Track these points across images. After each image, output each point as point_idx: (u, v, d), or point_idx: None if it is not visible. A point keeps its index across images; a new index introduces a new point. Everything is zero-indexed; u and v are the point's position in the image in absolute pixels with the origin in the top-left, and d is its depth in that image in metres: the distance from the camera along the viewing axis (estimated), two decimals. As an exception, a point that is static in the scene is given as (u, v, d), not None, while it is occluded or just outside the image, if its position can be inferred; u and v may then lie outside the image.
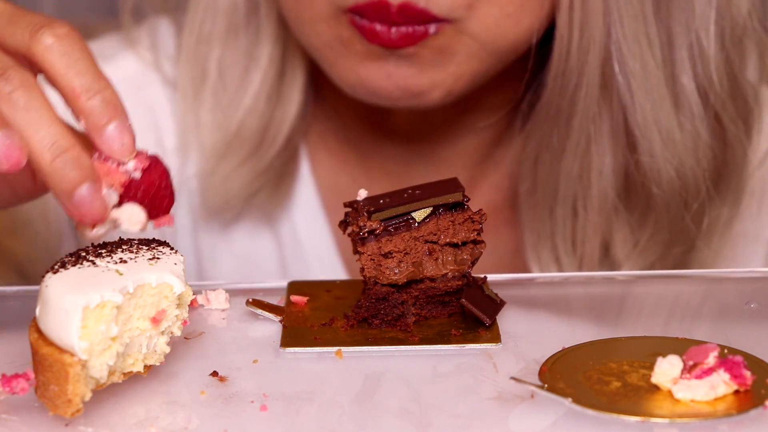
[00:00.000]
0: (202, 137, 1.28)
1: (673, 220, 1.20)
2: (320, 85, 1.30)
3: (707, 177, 1.18)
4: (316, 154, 1.33)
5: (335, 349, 0.88)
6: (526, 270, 1.27)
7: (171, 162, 1.29)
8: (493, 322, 0.91)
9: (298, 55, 1.26)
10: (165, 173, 0.86)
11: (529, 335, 0.90)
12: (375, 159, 1.31)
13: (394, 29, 1.10)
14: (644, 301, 1.00)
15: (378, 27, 1.11)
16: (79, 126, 0.85)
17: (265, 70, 1.25)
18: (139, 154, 0.85)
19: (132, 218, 0.86)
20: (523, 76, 1.20)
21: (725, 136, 1.19)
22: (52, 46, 0.84)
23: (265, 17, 1.25)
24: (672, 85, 1.15)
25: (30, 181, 0.92)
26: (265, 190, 1.29)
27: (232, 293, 0.97)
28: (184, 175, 1.30)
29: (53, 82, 0.85)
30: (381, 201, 0.92)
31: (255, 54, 1.25)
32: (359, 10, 1.12)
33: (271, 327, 0.93)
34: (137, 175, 0.85)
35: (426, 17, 1.10)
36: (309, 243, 1.32)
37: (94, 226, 0.85)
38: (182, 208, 1.31)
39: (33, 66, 0.86)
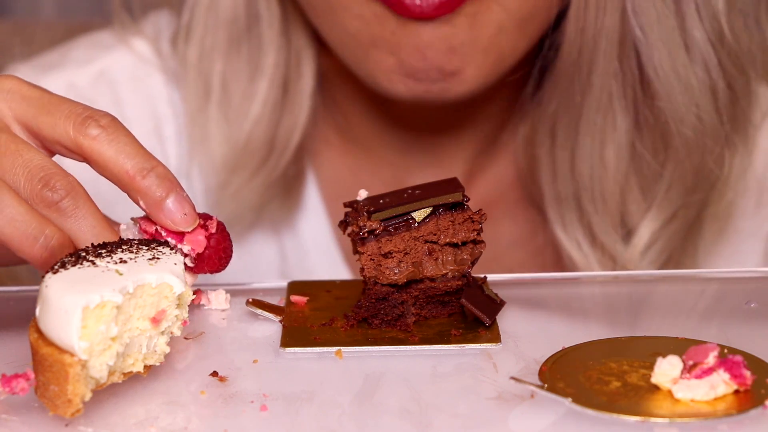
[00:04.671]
0: (210, 151, 1.28)
1: (695, 164, 1.21)
2: (326, 87, 1.29)
3: (725, 121, 1.20)
4: (321, 156, 1.33)
5: (335, 349, 0.88)
6: (530, 258, 1.28)
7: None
8: (493, 322, 0.91)
9: (304, 61, 1.26)
10: (224, 240, 0.91)
11: (529, 335, 0.90)
12: (379, 153, 1.31)
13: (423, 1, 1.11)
14: (644, 301, 1.00)
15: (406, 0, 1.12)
16: (140, 206, 0.88)
17: (270, 78, 1.25)
18: (201, 224, 0.89)
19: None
20: (524, 78, 1.21)
21: (734, 87, 1.20)
22: (99, 136, 0.88)
23: (266, 26, 1.25)
24: (684, 36, 1.16)
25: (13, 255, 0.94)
26: (276, 200, 1.29)
27: (232, 293, 0.97)
28: (192, 191, 1.30)
29: (104, 170, 0.88)
30: (381, 201, 0.92)
31: (259, 63, 1.25)
32: None
33: (271, 327, 0.93)
34: (189, 258, 0.90)
35: None
36: (315, 252, 1.31)
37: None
38: None
39: (74, 155, 0.89)
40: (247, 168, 1.26)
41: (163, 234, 0.89)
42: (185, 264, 0.89)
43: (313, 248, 1.31)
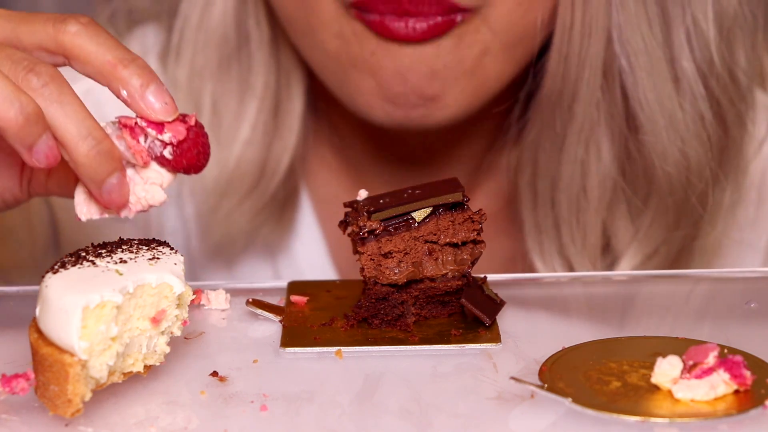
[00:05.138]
0: (201, 175, 1.25)
1: (678, 201, 1.19)
2: (318, 107, 1.28)
3: (712, 158, 1.18)
4: (315, 176, 1.31)
5: (335, 349, 0.88)
6: (527, 271, 1.27)
7: (169, 209, 1.28)
8: (493, 322, 0.91)
9: (294, 82, 1.24)
10: (203, 136, 0.90)
11: (529, 335, 0.90)
12: (375, 172, 1.29)
13: (412, 22, 1.09)
14: (644, 301, 1.00)
15: (390, 21, 1.10)
16: (121, 96, 0.88)
17: (261, 99, 1.23)
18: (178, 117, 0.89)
19: (155, 196, 0.89)
20: (511, 101, 1.19)
21: (725, 118, 1.18)
22: (80, 31, 0.87)
23: (256, 46, 1.23)
24: (672, 68, 1.15)
25: (17, 189, 0.93)
26: (269, 222, 1.27)
27: (232, 293, 0.97)
28: (183, 217, 1.28)
29: (85, 64, 0.88)
30: (381, 201, 0.92)
31: (249, 84, 1.23)
32: (364, 3, 1.09)
33: (271, 327, 0.93)
34: (168, 149, 0.88)
35: (446, 6, 1.08)
36: (311, 274, 1.30)
37: (119, 210, 0.89)
38: (182, 248, 1.29)
39: (56, 58, 0.88)
40: (238, 191, 1.24)
41: (143, 125, 0.87)
42: (164, 157, 0.88)
43: (309, 270, 1.30)
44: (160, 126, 0.88)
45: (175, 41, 1.24)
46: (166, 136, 0.88)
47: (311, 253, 1.29)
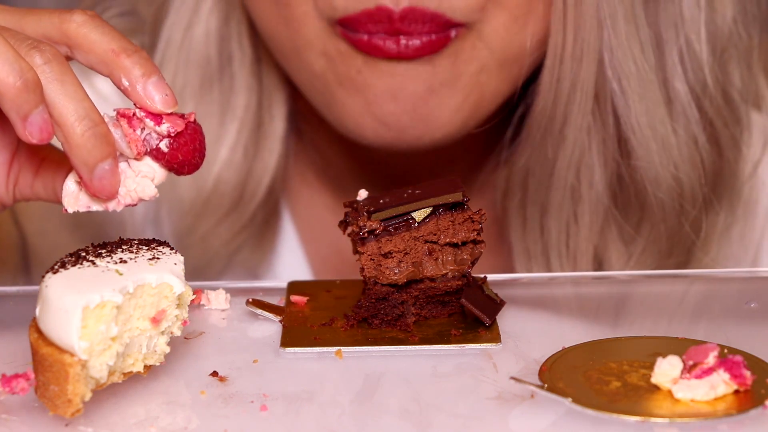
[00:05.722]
0: (178, 195, 1.24)
1: (671, 228, 1.17)
2: (301, 128, 1.26)
3: (705, 183, 1.16)
4: (297, 198, 1.29)
5: (335, 349, 0.88)
6: None
7: (146, 228, 1.27)
8: (493, 322, 0.91)
9: (276, 103, 1.22)
10: (200, 134, 0.89)
11: (529, 335, 0.90)
12: (357, 192, 1.28)
13: (405, 39, 1.06)
14: (644, 301, 1.00)
15: (379, 40, 1.07)
16: (122, 85, 0.88)
17: (241, 120, 1.21)
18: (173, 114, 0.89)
19: (146, 189, 0.89)
20: (503, 124, 1.16)
21: (719, 141, 1.17)
22: (85, 21, 0.87)
23: (239, 68, 1.21)
24: (665, 90, 1.13)
25: (3, 191, 0.93)
26: (248, 246, 1.25)
27: (232, 293, 0.97)
28: (161, 235, 1.26)
29: (88, 53, 0.87)
30: (381, 201, 0.92)
31: (230, 105, 1.21)
32: (350, 22, 1.07)
33: (271, 327, 0.93)
34: (167, 139, 0.88)
35: (439, 22, 1.06)
36: None
37: (108, 200, 0.88)
38: None
39: (60, 48, 0.88)
40: (215, 213, 1.23)
41: (141, 115, 0.87)
42: (159, 150, 0.87)
43: None
44: (158, 117, 0.87)
45: (157, 61, 1.22)
46: (164, 127, 0.87)
47: (295, 275, 1.27)
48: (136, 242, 0.86)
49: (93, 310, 0.78)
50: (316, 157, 1.28)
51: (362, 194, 0.94)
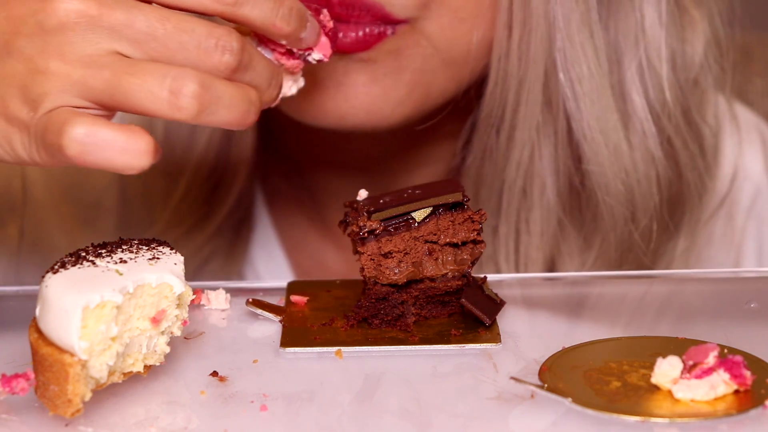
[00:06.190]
0: (149, 204, 1.24)
1: (621, 237, 1.15)
2: (271, 128, 1.25)
3: (661, 200, 1.15)
4: (271, 203, 1.29)
5: (335, 349, 0.88)
6: None
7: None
8: (493, 322, 0.91)
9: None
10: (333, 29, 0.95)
11: (529, 335, 0.90)
12: (331, 197, 1.26)
13: (341, 34, 1.05)
14: (644, 301, 1.00)
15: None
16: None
17: (212, 129, 1.19)
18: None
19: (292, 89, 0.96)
20: (435, 119, 1.15)
21: (678, 162, 1.15)
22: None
23: None
24: (621, 101, 1.12)
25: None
26: (218, 257, 1.25)
27: (232, 293, 0.97)
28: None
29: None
30: (381, 201, 0.92)
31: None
32: None
33: (271, 327, 0.93)
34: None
35: (377, 14, 1.05)
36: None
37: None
38: None
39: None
40: (185, 221, 1.22)
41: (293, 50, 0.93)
42: (306, 61, 0.93)
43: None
44: (308, 49, 0.93)
45: None
46: (317, 56, 0.93)
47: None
48: (136, 242, 0.86)
49: (93, 310, 0.78)
50: (282, 151, 1.27)
51: (362, 194, 0.94)
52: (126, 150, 0.83)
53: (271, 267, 1.29)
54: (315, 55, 0.93)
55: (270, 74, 0.88)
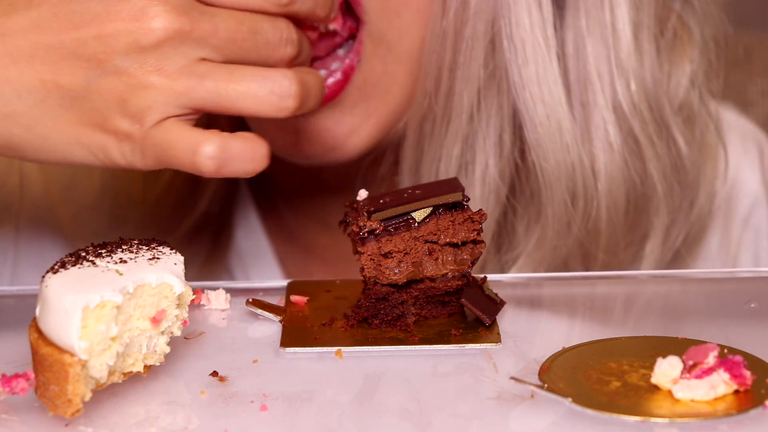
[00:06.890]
0: (128, 214, 1.24)
1: (560, 217, 1.13)
2: None
3: (611, 189, 1.12)
4: (243, 218, 1.29)
5: (335, 349, 0.88)
6: None
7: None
8: (493, 322, 0.91)
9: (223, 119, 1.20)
10: None
11: (529, 335, 0.90)
12: (305, 207, 1.26)
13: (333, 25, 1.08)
14: (644, 301, 1.00)
15: None
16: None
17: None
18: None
19: None
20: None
21: (643, 156, 1.13)
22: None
23: None
24: (574, 81, 1.11)
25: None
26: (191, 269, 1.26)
27: (232, 293, 0.97)
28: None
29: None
30: (381, 201, 0.92)
31: None
32: None
33: (271, 327, 0.93)
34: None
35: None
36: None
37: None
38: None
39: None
40: (153, 231, 1.22)
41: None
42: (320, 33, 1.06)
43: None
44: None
45: None
46: (331, 26, 1.06)
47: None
48: (136, 242, 0.86)
49: (93, 310, 0.78)
50: (258, 190, 1.28)
51: (362, 194, 0.94)
52: (254, 158, 0.89)
53: (261, 272, 1.29)
54: (331, 26, 1.05)
55: (310, 52, 0.98)
